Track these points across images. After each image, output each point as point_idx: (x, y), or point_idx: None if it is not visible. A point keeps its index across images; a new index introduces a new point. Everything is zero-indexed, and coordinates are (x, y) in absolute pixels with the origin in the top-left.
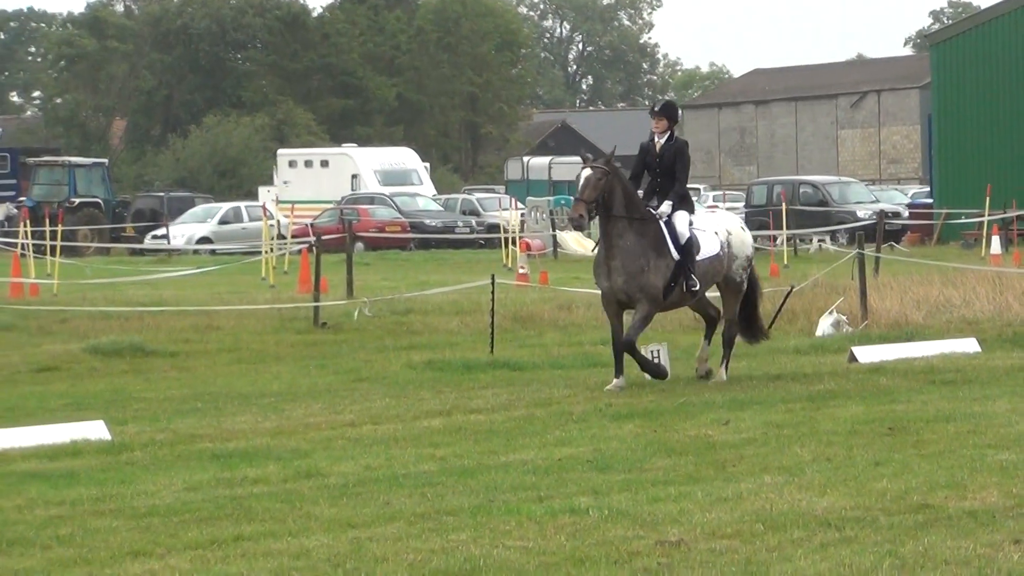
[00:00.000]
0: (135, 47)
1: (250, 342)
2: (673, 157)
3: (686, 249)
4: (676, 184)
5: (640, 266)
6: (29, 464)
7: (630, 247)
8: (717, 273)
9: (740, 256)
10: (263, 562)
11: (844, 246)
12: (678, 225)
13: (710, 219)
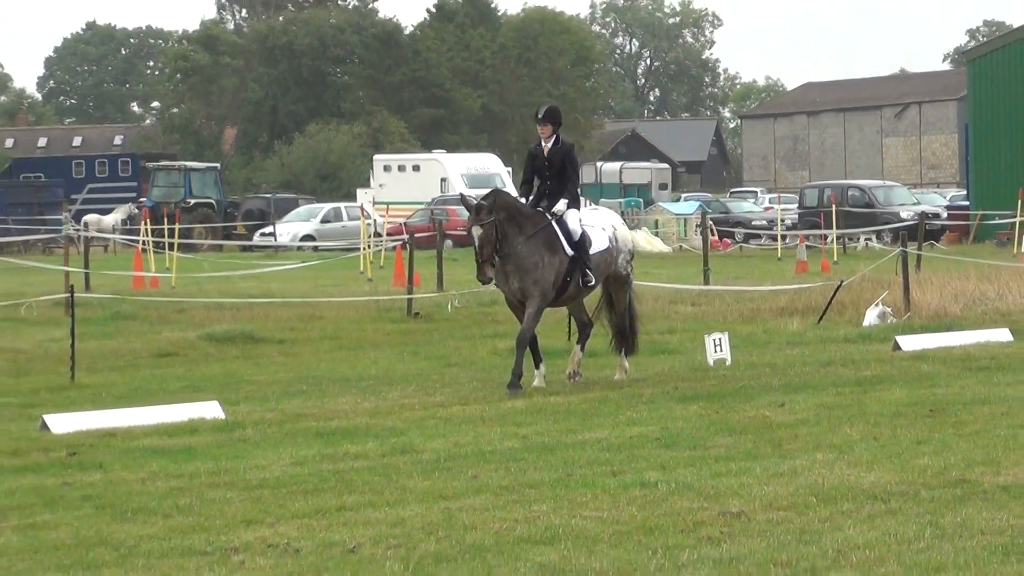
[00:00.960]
0: (244, 62)
1: (350, 331)
2: (562, 160)
3: (579, 245)
4: (569, 184)
5: (534, 263)
6: (151, 441)
7: (521, 250)
8: (608, 266)
9: (624, 250)
10: (363, 530)
11: (888, 244)
12: (570, 223)
13: (596, 216)
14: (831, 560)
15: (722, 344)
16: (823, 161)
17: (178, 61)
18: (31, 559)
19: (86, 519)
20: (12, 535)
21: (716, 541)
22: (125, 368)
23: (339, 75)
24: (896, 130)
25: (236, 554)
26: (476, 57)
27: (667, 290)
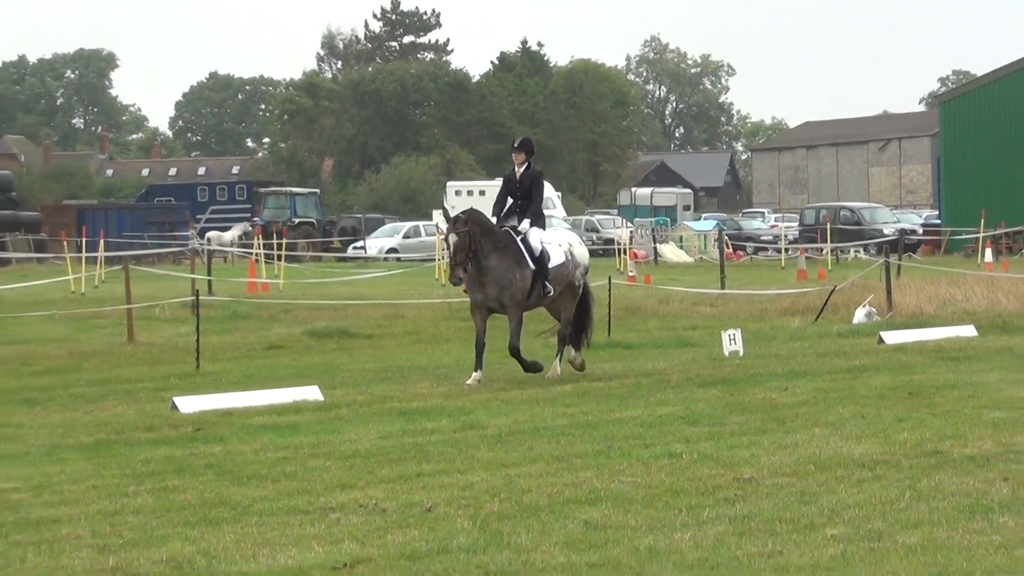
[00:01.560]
0: (340, 105)
1: (427, 328)
2: (530, 184)
3: (540, 260)
4: (532, 205)
5: (509, 279)
6: (262, 418)
7: (496, 265)
8: (564, 278)
9: (581, 265)
10: (438, 492)
11: (874, 256)
12: (532, 241)
13: (555, 235)
14: (827, 517)
15: (736, 338)
16: (819, 187)
17: (285, 104)
18: (163, 517)
19: (208, 484)
20: (148, 497)
21: (731, 502)
22: (241, 358)
23: (418, 116)
24: (880, 161)
25: (333, 513)
26: (531, 101)
27: (690, 294)
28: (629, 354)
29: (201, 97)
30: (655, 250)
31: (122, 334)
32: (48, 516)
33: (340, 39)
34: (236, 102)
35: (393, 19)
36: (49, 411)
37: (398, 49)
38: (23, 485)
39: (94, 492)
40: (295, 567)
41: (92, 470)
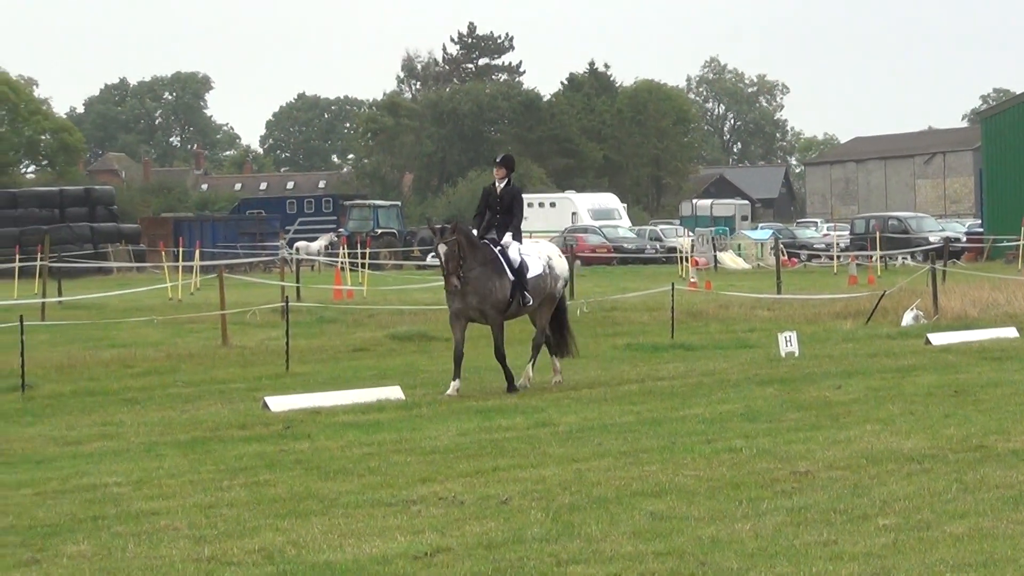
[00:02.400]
0: (419, 123)
1: None
2: (511, 199)
3: (519, 271)
4: (514, 219)
5: (489, 288)
6: (348, 416)
7: (477, 275)
8: (543, 290)
9: (560, 278)
10: (513, 486)
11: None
12: (511, 253)
13: (535, 247)
14: (879, 508)
15: (791, 340)
16: (869, 198)
17: (368, 123)
18: (255, 509)
19: (298, 478)
20: (241, 490)
21: (788, 494)
22: (328, 360)
23: (493, 133)
24: (926, 173)
25: (414, 505)
26: (598, 118)
27: (748, 298)
28: (691, 355)
29: (290, 116)
30: (715, 258)
31: (216, 338)
32: (147, 509)
33: (419, 62)
34: (323, 121)
35: (469, 42)
36: (148, 410)
37: (474, 70)
38: (124, 480)
39: (190, 486)
40: (379, 556)
41: (188, 466)
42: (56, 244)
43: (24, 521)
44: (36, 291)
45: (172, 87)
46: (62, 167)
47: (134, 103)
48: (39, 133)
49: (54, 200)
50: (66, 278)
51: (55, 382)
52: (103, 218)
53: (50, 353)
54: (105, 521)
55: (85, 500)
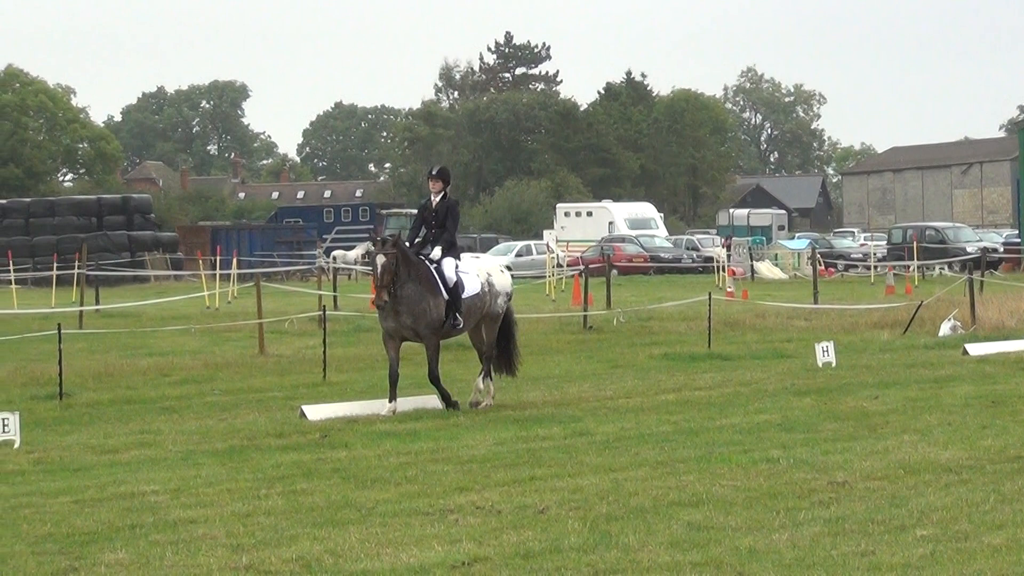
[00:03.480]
0: (456, 132)
1: (538, 340)
2: (445, 212)
3: (453, 290)
4: (445, 233)
5: (423, 308)
6: (385, 425)
7: (411, 293)
8: (480, 309)
9: (501, 293)
10: (550, 495)
11: (957, 272)
12: (446, 270)
13: (473, 264)
14: (916, 519)
15: (828, 350)
16: (906, 208)
17: (405, 132)
18: (293, 518)
19: (335, 487)
20: (278, 499)
21: (826, 504)
22: (365, 369)
23: (529, 142)
24: (963, 183)
25: (452, 514)
26: (635, 128)
27: (785, 308)
28: (728, 365)
29: (327, 125)
30: (752, 267)
31: (254, 346)
32: (185, 517)
33: (456, 71)
34: (359, 130)
35: (506, 52)
36: (186, 419)
37: (511, 80)
38: (162, 488)
39: (228, 495)
40: (416, 565)
41: (226, 474)
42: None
43: (62, 529)
44: (74, 299)
45: (210, 95)
46: (100, 175)
47: (172, 112)
48: (77, 142)
49: (92, 208)
50: (104, 286)
51: (93, 390)
52: (140, 226)
53: (88, 361)
54: (143, 529)
55: (123, 508)
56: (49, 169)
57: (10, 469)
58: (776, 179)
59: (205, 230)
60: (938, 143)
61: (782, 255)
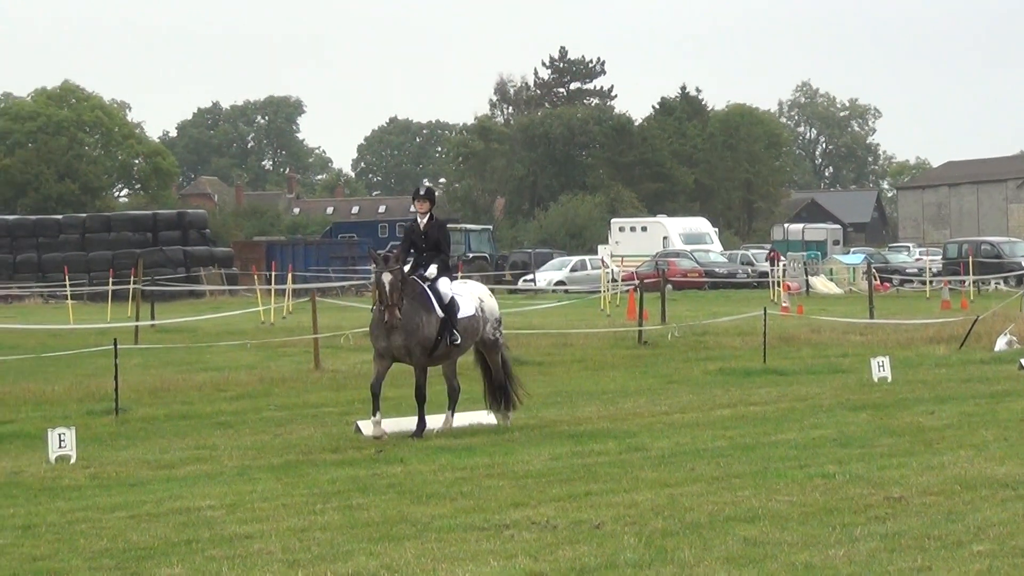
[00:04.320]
0: (511, 147)
1: (593, 355)
2: (436, 233)
3: (448, 308)
4: (441, 255)
5: (416, 324)
6: (440, 440)
7: (405, 310)
8: (475, 332)
9: (491, 318)
10: (605, 511)
11: (1013, 287)
12: (441, 288)
13: (465, 287)
14: (973, 534)
15: (884, 365)
16: (961, 222)
17: (459, 147)
18: (348, 533)
19: (390, 502)
20: (334, 514)
21: (882, 520)
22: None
23: (584, 157)
24: (1019, 197)
25: (507, 529)
26: (690, 143)
27: (841, 323)
28: (783, 380)
29: (382, 140)
30: (807, 282)
31: (309, 362)
32: (241, 532)
33: (511, 86)
34: (414, 145)
35: (561, 67)
36: (241, 434)
37: (565, 95)
38: (218, 503)
39: (284, 510)
40: None
41: (282, 489)
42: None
43: (118, 544)
44: (129, 314)
45: (265, 111)
46: (155, 191)
47: (227, 127)
48: (132, 157)
49: (147, 224)
50: (159, 301)
51: (149, 405)
52: (196, 242)
53: (144, 376)
54: (199, 544)
55: (179, 523)
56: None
57: (67, 484)
58: (831, 194)
59: (260, 245)
60: (994, 157)
61: (837, 270)
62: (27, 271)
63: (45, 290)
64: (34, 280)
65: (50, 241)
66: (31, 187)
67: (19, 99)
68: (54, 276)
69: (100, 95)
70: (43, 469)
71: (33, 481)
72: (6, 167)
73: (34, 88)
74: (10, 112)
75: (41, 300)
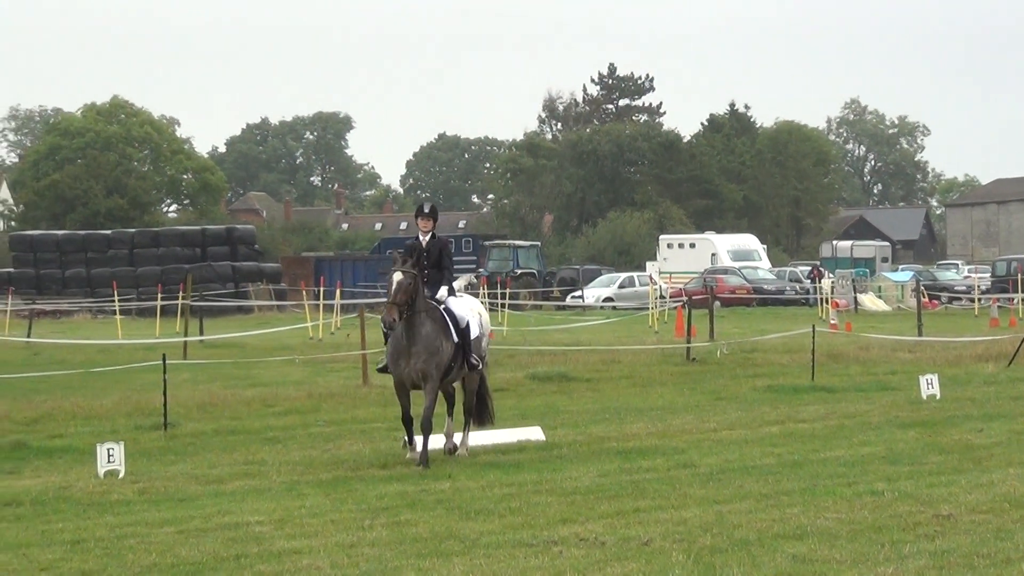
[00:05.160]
0: (559, 163)
1: (641, 372)
2: (439, 252)
3: (465, 331)
4: (447, 274)
5: (436, 347)
6: (488, 456)
7: (427, 333)
8: (483, 350)
9: (485, 335)
10: (653, 527)
11: None
12: (457, 310)
13: (464, 303)
14: (1022, 553)
15: (933, 383)
16: (1010, 240)
17: (508, 163)
18: (397, 549)
19: (439, 518)
20: (382, 530)
21: (931, 537)
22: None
23: (632, 173)
24: None
25: (555, 546)
26: (738, 159)
27: (889, 340)
28: (832, 397)
29: (430, 156)
30: (855, 299)
31: (357, 377)
32: (289, 548)
33: (560, 102)
34: (463, 161)
35: (610, 83)
36: (290, 449)
37: (614, 111)
38: (266, 518)
39: (332, 525)
40: None
41: (330, 505)
42: (198, 283)
43: (167, 559)
44: (178, 330)
45: (313, 127)
46: (204, 206)
47: (276, 143)
48: (181, 172)
49: (196, 239)
50: (207, 317)
51: (197, 420)
52: (244, 257)
53: (192, 392)
54: (247, 560)
55: (227, 539)
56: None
57: (115, 499)
58: (879, 211)
59: (308, 261)
60: None
61: (885, 287)
62: (76, 286)
63: (94, 305)
64: (83, 295)
65: (99, 256)
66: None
67: (69, 115)
68: (103, 291)
69: (149, 111)
70: (92, 484)
71: (82, 496)
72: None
73: (83, 104)
74: (60, 128)
75: (90, 315)
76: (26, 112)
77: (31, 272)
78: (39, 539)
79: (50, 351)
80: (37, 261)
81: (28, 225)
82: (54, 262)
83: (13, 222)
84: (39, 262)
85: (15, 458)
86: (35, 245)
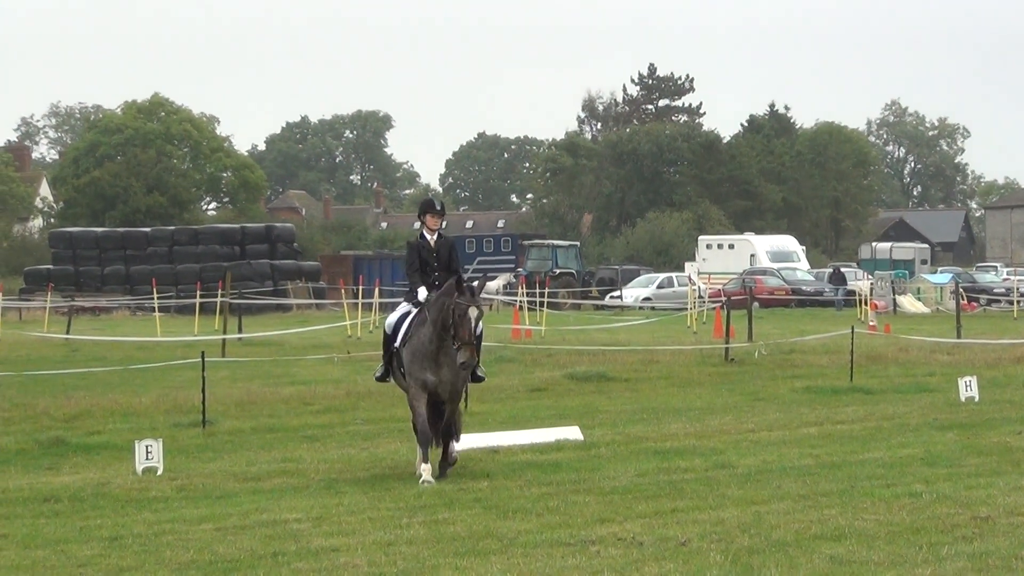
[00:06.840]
0: (599, 163)
1: (680, 372)
2: (448, 252)
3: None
4: (456, 276)
5: None
6: (527, 456)
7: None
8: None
9: None
10: (691, 527)
11: None
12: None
13: None
14: None
15: (971, 385)
16: None
17: (548, 163)
18: (435, 547)
19: (476, 517)
20: (420, 528)
21: (969, 539)
22: (506, 399)
23: (672, 174)
24: None
25: (593, 545)
26: (778, 160)
27: (928, 342)
28: (870, 399)
29: (470, 155)
30: (894, 301)
31: None
32: (327, 545)
33: (600, 102)
34: (502, 160)
35: (650, 84)
36: (328, 447)
37: (654, 112)
38: (304, 516)
39: (370, 523)
40: None
41: (368, 503)
42: (237, 281)
43: (205, 556)
44: (217, 327)
45: (353, 125)
46: (243, 204)
47: (315, 141)
48: (221, 170)
49: (235, 237)
50: (246, 315)
51: (235, 418)
52: (283, 255)
53: (230, 389)
54: (285, 557)
55: (265, 536)
56: (193, 198)
57: (153, 496)
58: (919, 213)
59: (347, 259)
60: None
61: (924, 289)
62: (115, 283)
63: (133, 302)
64: (122, 292)
65: (138, 254)
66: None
67: (109, 112)
68: (142, 288)
69: (189, 108)
70: (130, 481)
71: (120, 492)
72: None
73: (124, 101)
74: (100, 125)
75: (129, 312)
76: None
77: (70, 269)
78: (77, 535)
79: (89, 348)
80: (76, 258)
81: (68, 222)
82: (93, 259)
83: (53, 219)
84: (78, 259)
85: (54, 454)
86: (74, 242)
